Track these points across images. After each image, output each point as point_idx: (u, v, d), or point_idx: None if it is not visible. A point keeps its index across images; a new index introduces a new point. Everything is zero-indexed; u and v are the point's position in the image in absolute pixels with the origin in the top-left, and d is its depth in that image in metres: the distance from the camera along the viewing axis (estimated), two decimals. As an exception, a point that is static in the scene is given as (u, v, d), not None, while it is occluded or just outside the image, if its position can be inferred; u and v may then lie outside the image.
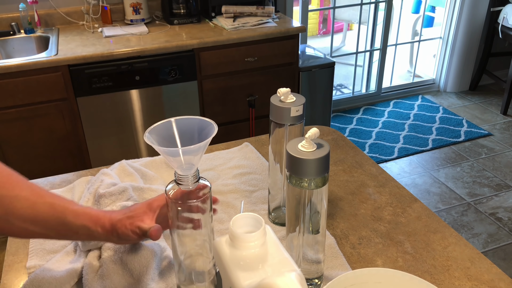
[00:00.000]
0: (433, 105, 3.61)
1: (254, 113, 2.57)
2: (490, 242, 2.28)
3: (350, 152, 1.19)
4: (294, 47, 2.50)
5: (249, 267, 0.56)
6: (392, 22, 3.56)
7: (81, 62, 2.10)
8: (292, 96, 0.83)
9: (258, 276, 0.54)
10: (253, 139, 1.26)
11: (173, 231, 0.69)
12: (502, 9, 3.39)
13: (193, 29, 2.43)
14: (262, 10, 2.53)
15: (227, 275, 0.57)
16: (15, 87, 2.05)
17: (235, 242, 0.58)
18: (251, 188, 1.05)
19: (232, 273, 0.56)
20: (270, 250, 0.59)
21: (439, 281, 0.79)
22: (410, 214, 0.96)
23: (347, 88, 3.88)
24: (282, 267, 0.56)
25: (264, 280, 0.53)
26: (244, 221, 0.61)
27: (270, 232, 0.62)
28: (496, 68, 3.80)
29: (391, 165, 2.91)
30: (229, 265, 0.57)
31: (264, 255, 0.58)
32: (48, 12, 2.51)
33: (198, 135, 0.64)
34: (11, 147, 2.17)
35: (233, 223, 0.60)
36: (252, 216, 0.61)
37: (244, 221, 0.61)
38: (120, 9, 2.60)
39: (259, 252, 0.58)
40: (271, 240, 0.60)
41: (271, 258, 0.57)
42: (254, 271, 0.55)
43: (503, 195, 2.61)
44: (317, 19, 5.36)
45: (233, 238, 0.58)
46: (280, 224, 0.93)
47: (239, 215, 0.61)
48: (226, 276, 0.57)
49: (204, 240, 0.71)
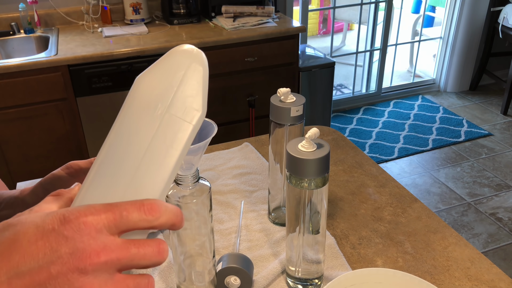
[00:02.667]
0: (433, 105, 3.61)
1: (254, 113, 2.57)
2: (490, 242, 2.28)
3: (350, 152, 1.19)
4: (294, 47, 2.49)
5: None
6: (392, 22, 3.55)
7: (80, 62, 2.10)
8: (292, 96, 0.83)
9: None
10: (253, 139, 1.26)
11: (173, 231, 0.69)
12: (502, 9, 3.39)
13: (193, 29, 2.43)
14: (262, 10, 2.53)
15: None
16: (15, 87, 2.05)
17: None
18: (251, 188, 1.05)
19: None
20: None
21: (439, 281, 0.79)
22: (410, 214, 0.96)
23: (347, 88, 3.87)
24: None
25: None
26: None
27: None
28: (496, 68, 3.80)
29: (391, 165, 2.91)
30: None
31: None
32: (48, 12, 2.51)
33: (198, 135, 0.64)
34: (11, 147, 2.17)
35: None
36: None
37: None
38: (120, 9, 2.60)
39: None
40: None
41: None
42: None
43: (503, 195, 2.60)
44: (317, 19, 5.36)
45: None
46: (280, 224, 0.93)
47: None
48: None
49: (204, 240, 0.70)
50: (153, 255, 0.36)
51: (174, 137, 0.40)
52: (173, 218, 0.37)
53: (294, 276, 0.77)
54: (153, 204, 0.36)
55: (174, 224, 0.38)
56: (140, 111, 0.40)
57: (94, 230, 0.34)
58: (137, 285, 0.36)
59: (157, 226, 0.37)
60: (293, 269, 0.76)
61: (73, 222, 0.34)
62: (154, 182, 0.39)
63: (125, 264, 0.35)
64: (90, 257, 0.33)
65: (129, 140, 0.40)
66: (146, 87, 0.40)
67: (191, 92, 0.41)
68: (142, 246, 0.35)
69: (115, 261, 0.34)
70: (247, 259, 0.76)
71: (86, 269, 0.32)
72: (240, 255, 0.76)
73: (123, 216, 0.35)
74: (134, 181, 0.39)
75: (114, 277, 0.34)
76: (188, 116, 0.40)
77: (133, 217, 0.35)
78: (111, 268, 0.34)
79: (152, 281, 0.37)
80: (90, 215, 0.34)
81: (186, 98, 0.40)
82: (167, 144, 0.40)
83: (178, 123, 0.40)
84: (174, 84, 0.41)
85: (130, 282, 0.35)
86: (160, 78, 0.41)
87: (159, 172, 0.39)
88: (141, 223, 0.36)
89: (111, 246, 0.34)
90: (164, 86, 0.41)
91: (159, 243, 0.36)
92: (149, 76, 0.41)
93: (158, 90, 0.40)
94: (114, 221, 0.35)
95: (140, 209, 0.36)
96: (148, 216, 0.36)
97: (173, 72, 0.41)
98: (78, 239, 0.33)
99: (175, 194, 0.65)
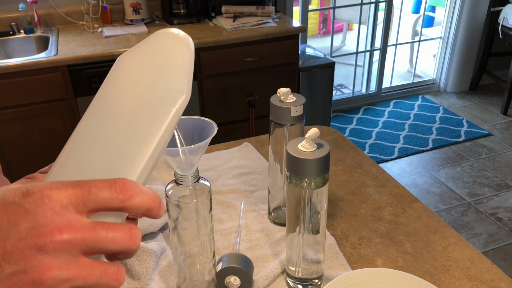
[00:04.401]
0: (433, 105, 3.61)
1: (254, 113, 2.57)
2: (490, 242, 2.28)
3: (350, 152, 1.19)
4: (294, 47, 2.49)
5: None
6: (392, 22, 3.55)
7: (80, 62, 2.10)
8: (292, 96, 0.83)
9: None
10: (253, 139, 1.26)
11: (173, 231, 0.69)
12: (502, 9, 3.39)
13: (193, 29, 2.43)
14: (262, 10, 2.53)
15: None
16: (15, 87, 2.05)
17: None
18: (251, 188, 1.05)
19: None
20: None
21: (439, 281, 0.79)
22: (410, 214, 0.96)
23: (347, 88, 3.87)
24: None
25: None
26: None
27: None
28: (496, 68, 3.80)
29: (391, 165, 2.91)
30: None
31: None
32: (48, 12, 2.51)
33: (198, 135, 0.64)
34: (11, 147, 2.17)
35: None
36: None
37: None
38: (120, 9, 2.60)
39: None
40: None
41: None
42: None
43: (503, 195, 2.60)
44: (317, 19, 5.36)
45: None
46: (280, 224, 0.93)
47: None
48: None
49: (204, 240, 0.70)
50: (124, 240, 0.32)
51: (155, 120, 0.37)
52: (149, 202, 0.34)
53: (294, 276, 0.77)
54: (125, 183, 0.33)
55: (150, 209, 0.34)
56: (120, 91, 0.37)
57: (58, 205, 0.30)
58: (104, 272, 0.32)
59: (129, 206, 0.33)
60: (293, 269, 0.76)
61: (35, 195, 0.30)
62: (130, 164, 0.36)
63: (91, 246, 0.31)
64: (52, 234, 0.29)
65: (107, 119, 0.37)
66: (128, 66, 0.38)
67: (176, 75, 0.38)
68: (112, 229, 0.32)
69: (80, 241, 0.30)
70: (247, 259, 0.76)
71: (46, 247, 0.29)
72: (240, 255, 0.76)
73: (92, 193, 0.32)
74: (109, 161, 0.36)
75: (78, 260, 0.31)
76: (171, 98, 0.38)
77: (103, 194, 0.32)
78: (75, 249, 0.30)
79: (122, 271, 0.33)
80: (55, 189, 0.31)
81: (170, 80, 0.38)
82: (146, 125, 0.37)
83: (159, 105, 0.37)
84: (158, 65, 0.38)
85: (96, 267, 0.31)
86: (143, 58, 0.38)
87: (137, 154, 0.36)
88: (111, 201, 0.32)
89: (77, 224, 0.31)
90: (147, 67, 0.38)
91: (131, 228, 0.33)
92: (132, 56, 0.38)
93: (140, 71, 0.38)
94: (82, 197, 0.31)
95: (111, 187, 0.32)
96: (119, 195, 0.32)
97: (157, 53, 0.38)
98: (40, 213, 0.30)
99: (175, 194, 0.65)
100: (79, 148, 0.37)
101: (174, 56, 0.38)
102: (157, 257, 0.81)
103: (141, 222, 0.88)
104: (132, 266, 0.78)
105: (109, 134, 0.37)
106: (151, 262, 0.79)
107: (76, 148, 0.37)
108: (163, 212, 0.36)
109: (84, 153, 0.36)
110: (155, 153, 0.37)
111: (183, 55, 0.38)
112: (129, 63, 0.38)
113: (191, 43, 0.39)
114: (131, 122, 0.37)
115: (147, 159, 0.36)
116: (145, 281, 0.77)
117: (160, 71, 0.38)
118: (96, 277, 0.31)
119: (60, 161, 0.37)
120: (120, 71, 0.38)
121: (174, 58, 0.38)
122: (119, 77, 0.38)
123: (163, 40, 0.39)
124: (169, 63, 0.38)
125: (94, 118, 0.37)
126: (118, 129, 0.37)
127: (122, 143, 0.36)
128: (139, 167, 0.36)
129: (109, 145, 0.36)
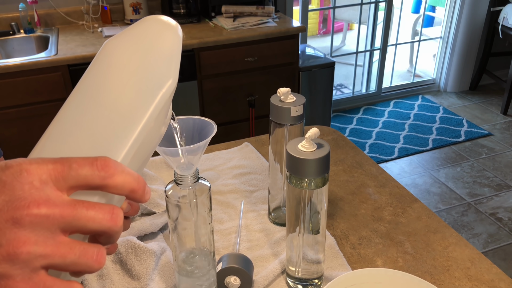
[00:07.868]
0: (433, 105, 3.61)
1: (254, 113, 2.57)
2: (491, 242, 2.28)
3: (350, 152, 1.19)
4: (294, 47, 2.49)
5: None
6: (392, 22, 3.55)
7: (80, 62, 2.10)
8: (292, 96, 0.83)
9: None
10: (253, 139, 1.26)
11: (173, 231, 0.69)
12: (502, 9, 3.39)
13: (193, 29, 2.43)
14: (262, 10, 2.53)
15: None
16: (15, 87, 2.05)
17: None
18: (251, 188, 1.05)
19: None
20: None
21: (439, 281, 0.79)
22: (410, 214, 0.96)
23: (347, 88, 3.87)
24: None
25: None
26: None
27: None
28: (496, 68, 3.80)
29: (391, 165, 2.91)
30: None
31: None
32: (48, 12, 2.51)
33: (198, 135, 0.64)
34: (11, 147, 2.17)
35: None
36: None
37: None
38: (120, 9, 2.60)
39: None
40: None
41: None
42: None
43: (503, 195, 2.60)
44: (317, 19, 5.36)
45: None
46: (280, 224, 0.93)
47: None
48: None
49: (204, 240, 0.70)
50: (104, 220, 0.31)
51: (141, 102, 0.36)
52: (133, 183, 0.33)
53: (294, 276, 0.76)
54: (107, 160, 0.32)
55: (134, 190, 0.34)
56: (106, 73, 0.37)
57: (37, 180, 0.30)
58: (84, 251, 0.31)
59: (111, 184, 0.32)
60: (293, 269, 0.76)
61: (13, 168, 0.30)
62: (114, 145, 0.36)
63: (70, 223, 0.30)
64: (29, 207, 0.29)
65: (92, 100, 0.36)
66: (115, 50, 0.38)
67: (163, 59, 0.38)
68: (92, 208, 0.31)
69: (58, 217, 0.29)
70: (247, 259, 0.76)
71: (22, 220, 0.28)
72: (240, 255, 0.76)
73: (73, 168, 0.31)
74: (93, 142, 0.36)
75: (56, 237, 0.30)
76: (157, 82, 0.37)
77: (84, 170, 0.31)
78: (53, 226, 0.29)
79: (103, 252, 0.32)
80: (35, 163, 0.30)
81: (157, 64, 0.37)
82: (132, 108, 0.36)
83: (146, 88, 0.37)
84: (145, 49, 0.38)
85: (76, 246, 0.30)
86: (131, 42, 0.38)
87: (122, 136, 0.36)
88: (92, 178, 0.31)
89: (56, 200, 0.30)
90: (134, 50, 0.38)
91: (113, 208, 0.32)
92: (119, 40, 0.38)
93: (127, 54, 0.38)
94: (62, 173, 0.30)
95: (92, 164, 0.31)
96: (100, 172, 0.31)
97: (144, 38, 0.38)
98: (17, 186, 0.29)
99: (175, 194, 0.65)
100: (63, 128, 0.36)
101: (161, 41, 0.38)
102: (157, 257, 0.81)
103: (141, 223, 0.88)
104: (132, 266, 0.78)
105: (94, 115, 0.36)
106: (151, 262, 0.79)
107: (60, 128, 0.36)
108: (148, 196, 0.35)
109: (68, 133, 0.36)
110: (140, 136, 0.36)
111: (171, 40, 0.38)
112: (116, 47, 0.38)
113: (179, 29, 0.39)
114: (116, 104, 0.36)
115: (132, 141, 0.36)
116: (145, 281, 0.77)
117: (147, 55, 0.37)
118: (74, 256, 0.30)
119: (43, 140, 0.36)
120: (106, 54, 0.38)
121: (161, 43, 0.38)
122: (105, 60, 0.37)
123: (151, 25, 0.38)
124: (156, 47, 0.38)
125: (79, 99, 0.36)
126: (103, 110, 0.36)
127: (107, 125, 0.36)
128: (124, 149, 0.36)
129: (93, 126, 0.36)
